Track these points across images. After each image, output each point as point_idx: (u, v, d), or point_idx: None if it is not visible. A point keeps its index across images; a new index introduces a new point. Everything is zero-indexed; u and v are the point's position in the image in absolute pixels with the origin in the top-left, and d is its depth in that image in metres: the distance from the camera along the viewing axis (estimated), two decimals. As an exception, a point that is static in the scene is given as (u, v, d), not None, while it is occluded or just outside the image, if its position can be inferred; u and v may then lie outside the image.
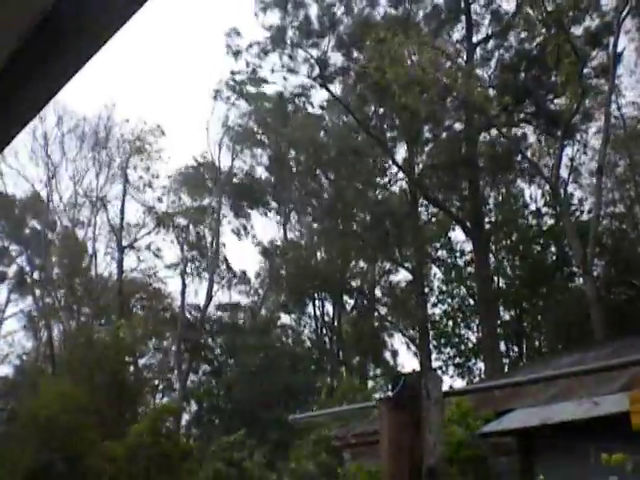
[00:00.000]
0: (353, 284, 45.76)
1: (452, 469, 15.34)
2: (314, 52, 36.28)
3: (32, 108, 2.71)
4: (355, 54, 36.17)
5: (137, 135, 44.61)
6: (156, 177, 44.97)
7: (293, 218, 47.53)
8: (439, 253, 42.15)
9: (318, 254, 45.16)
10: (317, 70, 36.58)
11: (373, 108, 38.74)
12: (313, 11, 35.98)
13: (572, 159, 37.30)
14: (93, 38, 2.36)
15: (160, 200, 45.49)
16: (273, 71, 37.83)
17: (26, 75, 2.51)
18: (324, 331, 44.57)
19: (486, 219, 38.50)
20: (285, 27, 35.85)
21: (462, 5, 35.45)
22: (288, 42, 35.94)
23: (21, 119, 2.78)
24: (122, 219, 44.95)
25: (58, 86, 2.56)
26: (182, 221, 45.73)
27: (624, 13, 29.99)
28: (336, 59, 36.74)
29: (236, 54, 39.18)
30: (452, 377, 37.87)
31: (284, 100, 42.14)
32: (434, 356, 38.38)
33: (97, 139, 44.92)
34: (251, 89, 43.72)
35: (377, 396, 35.85)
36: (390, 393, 5.53)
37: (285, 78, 39.18)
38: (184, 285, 44.47)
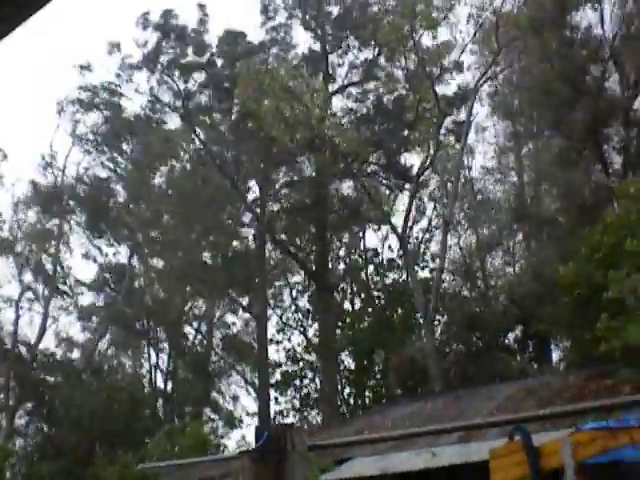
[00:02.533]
0: (194, 324, 44.91)
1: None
2: (181, 84, 36.29)
3: None
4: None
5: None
6: None
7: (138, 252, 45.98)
8: (282, 297, 42.30)
9: (159, 293, 43.96)
10: (180, 102, 36.48)
11: (227, 151, 38.73)
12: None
13: (424, 213, 38.44)
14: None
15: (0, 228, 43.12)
16: (137, 91, 37.31)
17: None
18: (160, 373, 43.33)
19: (335, 265, 39.06)
20: (160, 49, 35.61)
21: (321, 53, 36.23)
22: (159, 66, 35.68)
23: None
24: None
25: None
26: (23, 247, 43.59)
27: (482, 80, 31.53)
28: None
29: (85, 68, 38.76)
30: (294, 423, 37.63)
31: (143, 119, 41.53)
32: (274, 402, 38.17)
33: None
34: (102, 102, 42.42)
35: (223, 443, 35.23)
36: (253, 445, 5.30)
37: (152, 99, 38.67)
38: (17, 316, 42.26)
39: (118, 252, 45.04)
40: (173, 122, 41.50)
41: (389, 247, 39.04)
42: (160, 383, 42.90)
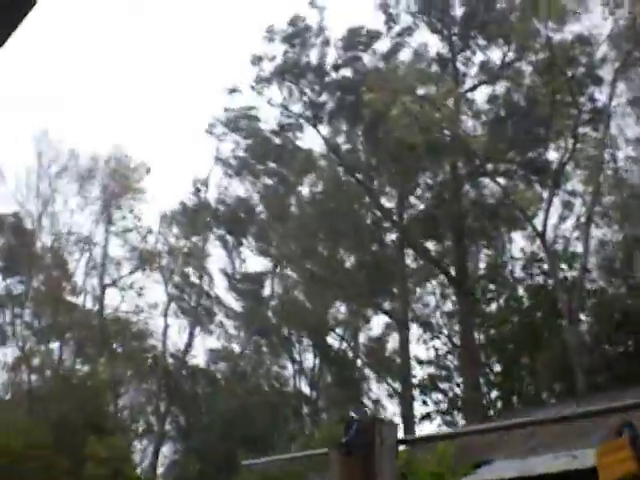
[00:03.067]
0: (337, 330, 45.44)
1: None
2: (309, 91, 36.90)
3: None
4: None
5: (124, 174, 44.74)
6: (138, 219, 44.87)
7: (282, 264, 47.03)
8: (424, 301, 42.06)
9: (300, 297, 44.77)
10: (310, 111, 37.10)
11: (361, 158, 38.99)
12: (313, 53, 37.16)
13: (569, 209, 37.10)
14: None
15: (145, 240, 45.25)
16: (270, 104, 38.08)
17: None
18: (304, 378, 44.07)
19: (475, 268, 38.50)
20: (288, 61, 36.44)
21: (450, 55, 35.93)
22: (289, 76, 36.50)
23: None
24: (105, 256, 44.90)
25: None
26: (168, 260, 45.60)
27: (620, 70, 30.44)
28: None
29: (232, 91, 39.87)
30: (439, 426, 37.39)
31: (281, 135, 42.42)
32: (419, 405, 37.94)
33: (86, 176, 45.01)
34: (245, 123, 43.85)
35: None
36: (343, 439, 5.32)
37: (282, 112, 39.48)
38: (166, 326, 44.28)
39: (258, 263, 46.48)
40: (307, 133, 42.24)
41: (530, 245, 38.11)
42: (305, 388, 43.73)
